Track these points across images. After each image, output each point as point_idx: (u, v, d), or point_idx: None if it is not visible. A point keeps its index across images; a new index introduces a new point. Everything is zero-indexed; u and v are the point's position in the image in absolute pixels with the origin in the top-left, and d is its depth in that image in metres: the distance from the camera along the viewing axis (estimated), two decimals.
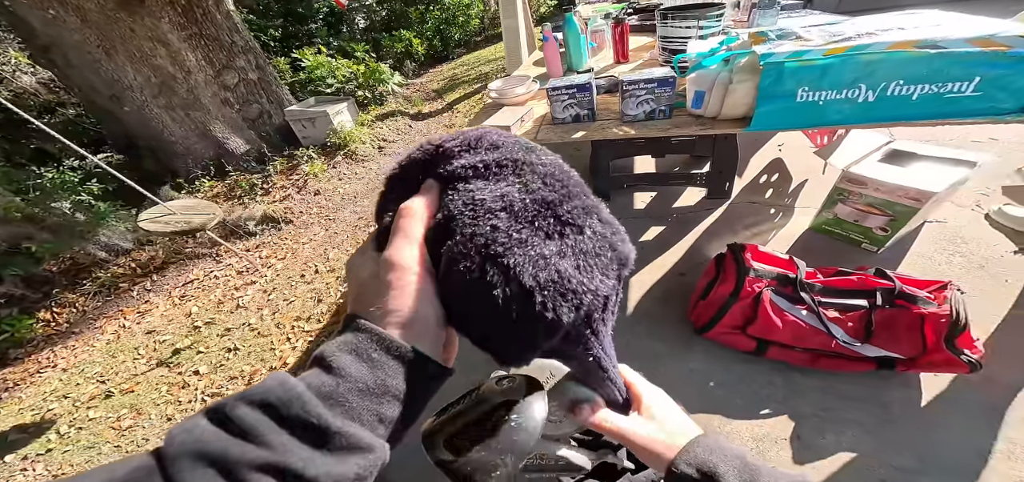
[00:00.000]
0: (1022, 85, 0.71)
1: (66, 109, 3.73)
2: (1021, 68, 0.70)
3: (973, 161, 1.27)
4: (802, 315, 1.09)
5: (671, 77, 1.00)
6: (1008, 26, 0.77)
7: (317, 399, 0.19)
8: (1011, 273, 1.25)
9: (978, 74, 0.72)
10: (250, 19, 4.50)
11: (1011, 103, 0.74)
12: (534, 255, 0.22)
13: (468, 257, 0.23)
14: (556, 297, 0.22)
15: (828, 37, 0.85)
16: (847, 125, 0.83)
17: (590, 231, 0.24)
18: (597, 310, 0.26)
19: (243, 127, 3.34)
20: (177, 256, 2.57)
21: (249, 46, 3.32)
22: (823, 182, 1.66)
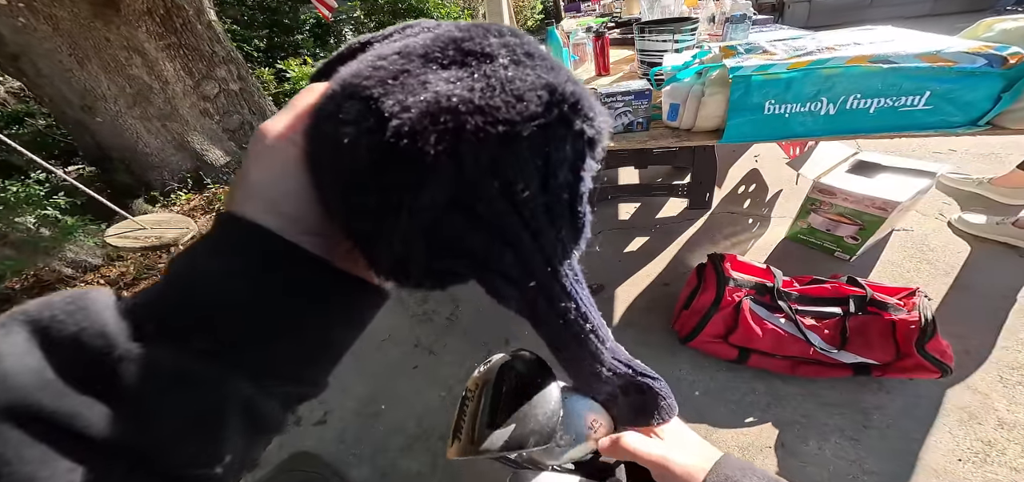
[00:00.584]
0: (969, 99, 0.75)
1: (36, 119, 3.59)
2: (967, 83, 0.74)
3: (933, 171, 1.34)
4: (781, 323, 1.11)
5: (647, 89, 1.02)
6: (953, 42, 0.82)
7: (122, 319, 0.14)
8: (977, 280, 1.31)
9: (928, 88, 0.76)
10: (234, 29, 4.47)
11: (960, 116, 0.78)
12: (411, 84, 0.15)
13: (331, 99, 0.16)
14: (422, 119, 0.14)
15: (791, 51, 0.88)
16: (811, 137, 0.86)
17: (507, 59, 0.16)
18: (512, 166, 0.15)
19: (223, 138, 3.27)
20: (149, 272, 2.46)
21: (231, 56, 3.28)
22: (797, 192, 1.71)
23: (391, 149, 0.14)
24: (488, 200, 0.15)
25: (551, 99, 0.15)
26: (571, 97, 0.16)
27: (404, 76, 0.15)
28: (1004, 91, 0.74)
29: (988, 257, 1.37)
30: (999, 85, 0.74)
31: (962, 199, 1.64)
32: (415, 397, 1.35)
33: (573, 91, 0.16)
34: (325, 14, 3.41)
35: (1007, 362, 1.08)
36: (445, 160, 0.14)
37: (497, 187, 0.15)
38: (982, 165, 1.80)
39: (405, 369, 1.45)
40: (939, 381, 1.05)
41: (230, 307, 0.15)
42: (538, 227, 0.17)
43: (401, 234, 0.15)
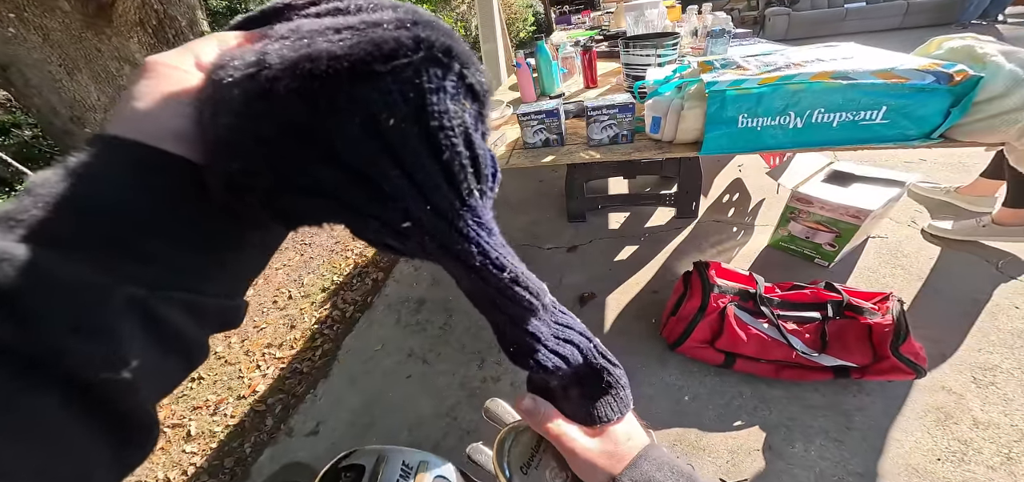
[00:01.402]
0: (922, 114, 0.81)
1: (22, 131, 3.54)
2: (918, 99, 0.79)
3: (903, 180, 1.41)
4: (764, 328, 1.14)
5: (631, 103, 1.07)
6: (906, 60, 0.87)
7: None
8: (948, 285, 1.36)
9: (884, 103, 0.81)
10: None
11: (915, 130, 0.83)
12: (300, 43, 0.15)
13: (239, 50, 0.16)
14: (285, 65, 0.14)
15: (762, 67, 0.93)
16: (782, 149, 0.91)
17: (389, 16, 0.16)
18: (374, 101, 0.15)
19: None
20: None
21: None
22: (778, 201, 1.78)
23: (257, 92, 0.14)
24: (347, 138, 0.15)
25: (417, 44, 0.15)
26: (441, 45, 0.16)
27: (297, 38, 0.15)
28: (953, 106, 0.80)
29: (958, 263, 1.43)
30: (948, 101, 0.79)
31: (932, 207, 1.71)
32: (408, 407, 1.34)
33: (444, 41, 0.16)
34: None
35: (979, 363, 1.13)
36: (295, 98, 0.14)
37: (358, 123, 0.15)
38: (950, 174, 1.89)
39: (399, 379, 1.45)
40: (916, 382, 1.09)
41: (107, 211, 0.14)
42: (414, 163, 0.17)
43: (248, 167, 0.15)
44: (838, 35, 5.34)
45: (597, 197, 2.10)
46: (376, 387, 1.44)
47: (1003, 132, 0.83)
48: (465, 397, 1.33)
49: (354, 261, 2.34)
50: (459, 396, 1.33)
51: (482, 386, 1.35)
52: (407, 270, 2.11)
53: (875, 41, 1.19)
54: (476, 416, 1.26)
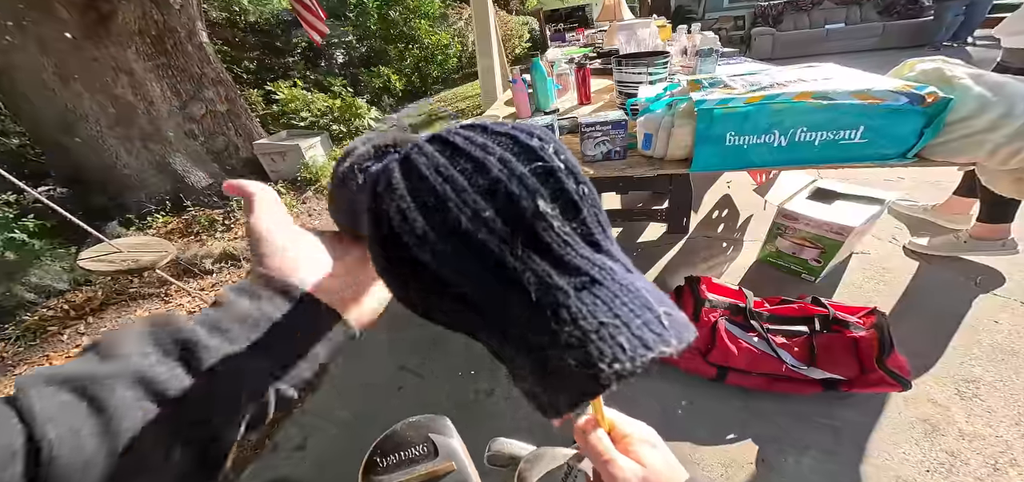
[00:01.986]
0: (898, 134, 0.84)
1: (9, 139, 3.48)
2: (893, 119, 0.83)
3: (883, 198, 1.46)
4: (754, 342, 1.15)
5: (624, 120, 1.10)
6: (882, 82, 0.91)
7: (196, 325, 0.20)
8: (929, 300, 1.40)
9: (862, 124, 0.85)
10: (224, 51, 4.51)
11: (892, 149, 0.87)
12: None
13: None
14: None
15: (748, 86, 0.97)
16: (767, 167, 0.94)
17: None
18: None
19: (207, 160, 3.23)
20: (118, 297, 2.35)
21: (220, 78, 3.30)
22: (765, 217, 1.82)
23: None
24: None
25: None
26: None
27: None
28: (925, 127, 0.84)
29: (939, 278, 1.48)
30: (921, 122, 0.83)
31: (911, 224, 1.77)
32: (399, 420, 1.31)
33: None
34: (316, 40, 3.50)
35: (963, 376, 1.15)
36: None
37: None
38: (928, 192, 1.96)
39: (390, 391, 1.43)
40: (903, 395, 1.11)
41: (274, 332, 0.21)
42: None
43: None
44: (819, 54, 5.56)
45: None
46: (365, 400, 1.42)
47: (973, 153, 0.87)
48: (457, 411, 1.31)
49: None
50: (451, 408, 1.32)
51: (475, 399, 1.33)
52: None
53: (854, 60, 1.24)
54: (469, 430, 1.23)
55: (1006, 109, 0.82)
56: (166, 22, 2.86)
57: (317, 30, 3.39)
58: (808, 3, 5.94)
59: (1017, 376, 1.13)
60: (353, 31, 6.20)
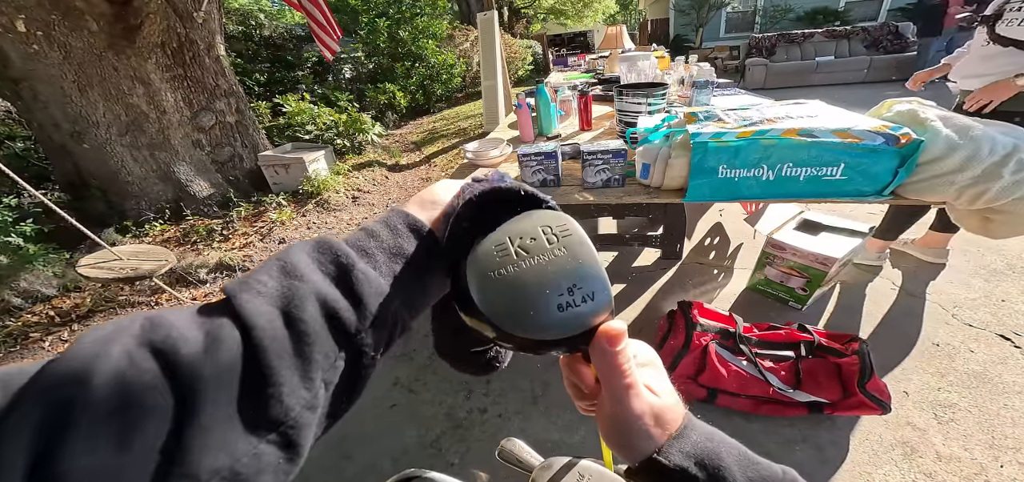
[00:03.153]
0: (874, 172, 0.90)
1: (14, 142, 3.51)
2: (871, 158, 0.89)
3: (865, 231, 1.54)
4: (743, 365, 1.21)
5: (623, 149, 1.16)
6: (861, 121, 0.96)
7: (350, 249, 0.24)
8: (910, 329, 1.47)
9: (842, 161, 0.90)
10: (237, 63, 4.60)
11: (869, 187, 0.93)
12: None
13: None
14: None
15: (740, 121, 1.03)
16: (756, 199, 1.00)
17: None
18: None
19: (211, 170, 3.27)
20: (107, 304, 2.32)
21: (233, 90, 3.36)
22: (754, 246, 1.89)
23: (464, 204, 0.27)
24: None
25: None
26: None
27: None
28: (899, 167, 0.90)
29: (917, 308, 1.55)
30: (895, 161, 0.89)
31: (892, 257, 1.86)
32: (392, 436, 1.33)
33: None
34: (327, 56, 3.59)
35: (940, 401, 1.21)
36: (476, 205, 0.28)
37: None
38: None
39: (382, 408, 1.43)
40: (883, 418, 1.16)
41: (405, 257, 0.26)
42: None
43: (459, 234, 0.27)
44: (809, 86, 5.79)
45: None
46: (357, 416, 1.40)
47: (942, 193, 0.92)
48: (451, 427, 1.32)
49: None
50: (445, 426, 1.32)
51: (469, 416, 1.34)
52: None
53: (842, 92, 1.33)
54: (462, 446, 1.26)
55: (971, 152, 0.87)
56: (188, 35, 2.92)
57: (329, 47, 3.49)
58: (800, 36, 6.23)
59: (991, 402, 1.19)
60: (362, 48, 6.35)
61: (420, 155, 4.62)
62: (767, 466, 0.24)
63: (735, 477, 0.23)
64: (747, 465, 0.24)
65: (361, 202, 3.46)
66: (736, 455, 0.24)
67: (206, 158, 3.24)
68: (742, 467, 0.24)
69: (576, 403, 0.30)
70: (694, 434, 0.25)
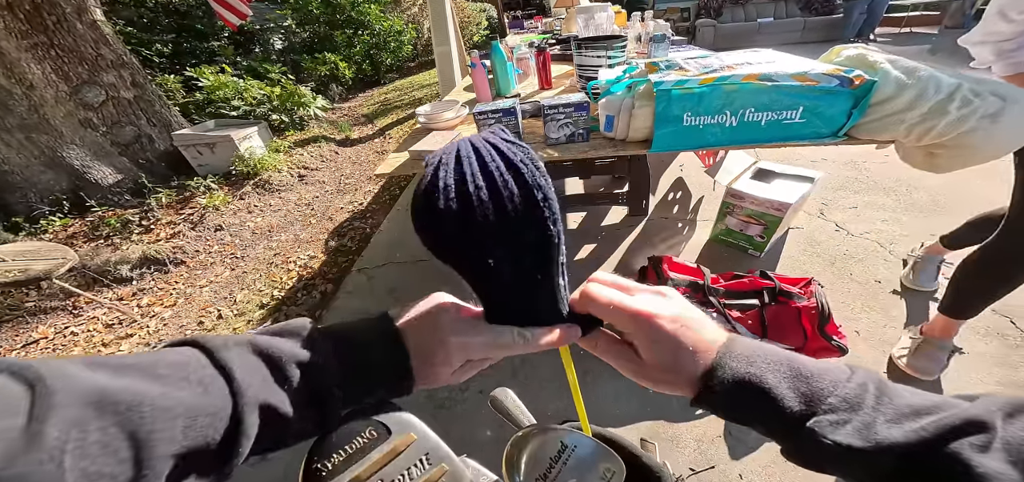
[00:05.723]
0: (830, 114, 0.91)
1: None
2: (828, 100, 0.89)
3: (812, 177, 1.60)
4: (713, 317, 1.21)
5: (586, 102, 1.08)
6: (816, 65, 0.98)
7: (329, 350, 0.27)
8: (854, 268, 1.57)
9: (801, 104, 0.90)
10: (128, 32, 3.88)
11: (825, 128, 0.93)
12: None
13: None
14: None
15: (701, 69, 0.99)
16: (721, 147, 0.97)
17: None
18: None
19: (113, 153, 2.77)
20: (13, 313, 1.96)
21: (123, 61, 2.82)
22: (715, 197, 1.93)
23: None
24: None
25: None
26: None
27: None
28: (853, 108, 0.91)
29: (861, 249, 1.66)
30: (850, 103, 0.90)
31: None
32: None
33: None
34: (232, 23, 3.09)
35: (888, 339, 1.29)
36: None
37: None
38: (846, 171, 2.20)
39: None
40: (840, 360, 1.23)
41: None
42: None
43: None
44: (753, 46, 6.07)
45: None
46: None
47: (892, 131, 0.95)
48: (432, 409, 1.26)
49: (298, 273, 2.12)
50: (426, 408, 1.26)
51: (449, 396, 1.29)
52: (360, 280, 1.96)
53: (782, 51, 1.32)
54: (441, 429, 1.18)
55: (919, 91, 0.90)
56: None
57: (236, 11, 3.00)
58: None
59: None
60: (292, 15, 5.64)
61: (373, 128, 4.27)
62: (819, 371, 0.24)
63: (781, 394, 0.23)
64: (796, 379, 0.23)
65: (309, 180, 3.14)
66: (783, 369, 0.24)
67: (103, 139, 2.73)
68: (791, 383, 0.23)
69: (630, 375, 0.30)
70: (738, 348, 0.25)
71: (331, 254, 2.24)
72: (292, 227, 2.59)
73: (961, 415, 0.19)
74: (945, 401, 0.20)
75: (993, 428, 0.18)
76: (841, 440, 0.20)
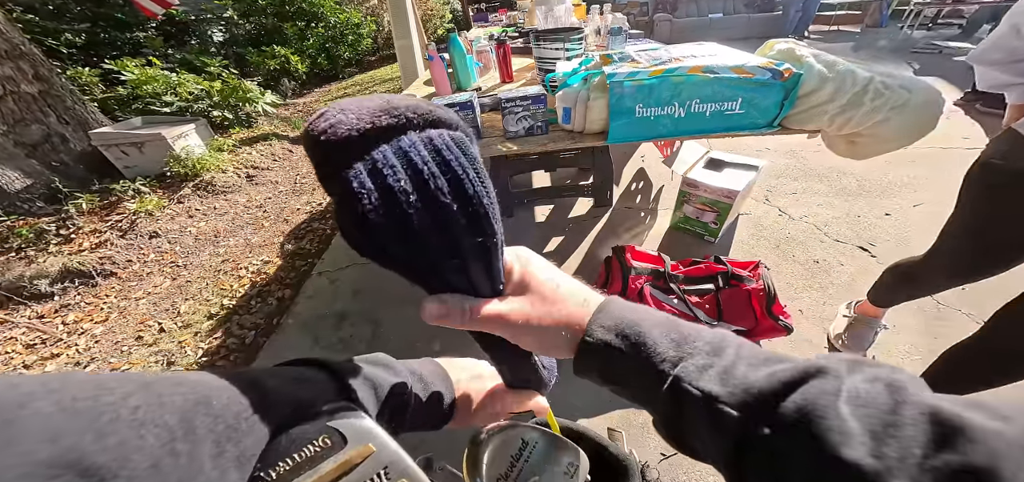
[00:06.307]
0: (765, 105, 0.96)
1: None
2: (762, 92, 0.95)
3: (757, 165, 1.71)
4: (674, 303, 1.26)
5: (543, 95, 1.07)
6: (752, 58, 1.03)
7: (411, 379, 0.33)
8: (795, 250, 1.70)
9: (739, 95, 0.95)
10: (28, 19, 3.38)
11: (762, 119, 0.99)
12: None
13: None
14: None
15: (651, 61, 1.02)
16: (671, 137, 1.01)
17: None
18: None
19: (17, 155, 2.41)
20: None
21: (21, 51, 2.45)
22: (673, 186, 2.01)
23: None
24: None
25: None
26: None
27: None
28: (784, 100, 0.97)
29: (800, 232, 1.80)
30: (781, 94, 0.96)
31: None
32: None
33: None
34: (150, 12, 2.78)
35: (828, 316, 1.39)
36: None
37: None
38: (786, 159, 2.38)
39: None
40: (788, 339, 1.27)
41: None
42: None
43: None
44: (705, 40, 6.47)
45: (522, 192, 2.12)
46: None
47: (817, 121, 1.02)
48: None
49: (250, 280, 1.97)
50: None
51: None
52: (321, 283, 1.85)
53: (730, 46, 1.39)
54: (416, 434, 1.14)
55: (838, 84, 0.97)
56: None
57: (160, 1, 2.69)
58: None
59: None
60: (234, 6, 5.17)
61: None
62: (692, 327, 0.25)
63: (656, 339, 0.24)
64: (669, 329, 0.24)
65: (259, 180, 2.91)
66: (659, 321, 0.25)
67: (5, 140, 2.37)
68: (664, 331, 0.24)
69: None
70: (614, 307, 0.26)
71: (288, 258, 2.11)
72: (242, 231, 2.40)
73: (812, 363, 0.19)
74: (793, 357, 0.21)
75: (839, 377, 0.18)
76: (705, 386, 0.21)
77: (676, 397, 0.22)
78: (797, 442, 0.17)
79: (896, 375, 0.18)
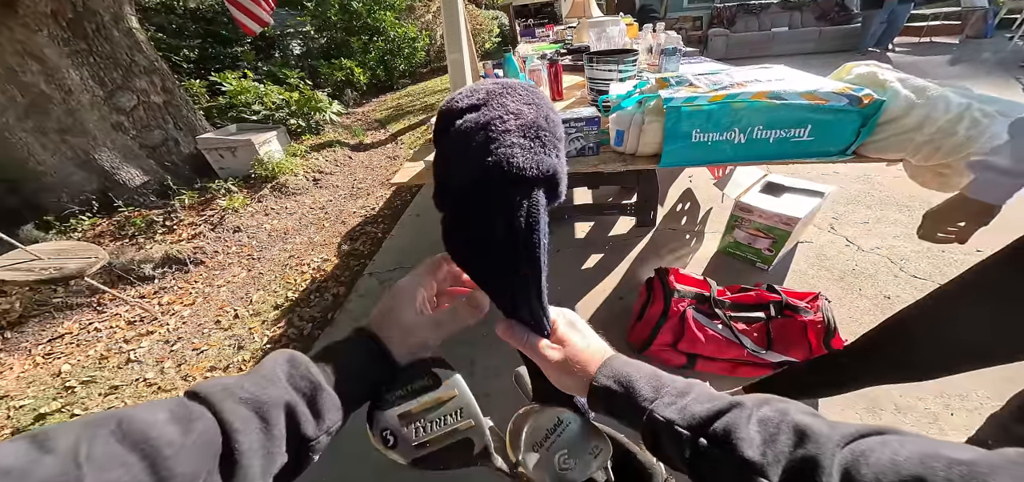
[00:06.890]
0: (839, 132, 0.91)
1: None
2: (837, 119, 0.90)
3: (823, 191, 1.60)
4: (718, 329, 1.22)
5: (597, 116, 1.10)
6: (826, 83, 0.98)
7: (319, 373, 0.31)
8: (863, 284, 1.56)
9: (809, 122, 0.91)
10: (159, 38, 4.05)
11: (833, 146, 0.94)
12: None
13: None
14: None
15: (711, 85, 1.01)
16: (729, 163, 0.99)
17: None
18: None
19: (141, 156, 2.90)
20: (40, 308, 2.06)
21: (154, 67, 2.96)
22: (723, 210, 1.93)
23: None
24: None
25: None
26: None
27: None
28: (862, 127, 0.92)
29: (870, 264, 1.65)
30: (858, 121, 0.91)
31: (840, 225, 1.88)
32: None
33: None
34: (251, 29, 3.20)
35: None
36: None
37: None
38: (858, 185, 2.18)
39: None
40: None
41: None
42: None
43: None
44: (766, 56, 5.98)
45: (563, 207, 2.15)
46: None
47: (901, 150, 0.95)
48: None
49: (311, 276, 2.19)
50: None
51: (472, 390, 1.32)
52: (371, 283, 2.01)
53: (796, 63, 1.33)
54: (484, 401, 1.21)
55: (928, 111, 0.90)
56: (86, 4, 2.52)
57: (257, 19, 3.10)
58: (757, 7, 6.38)
59: None
60: (311, 21, 5.80)
61: (385, 133, 4.37)
62: (671, 379, 0.33)
63: (641, 385, 0.32)
64: (652, 378, 0.33)
65: (323, 184, 3.22)
66: (646, 374, 0.33)
67: (132, 143, 2.86)
68: (649, 382, 0.33)
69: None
70: (616, 362, 0.35)
71: (344, 258, 2.30)
72: (306, 230, 2.67)
73: (735, 400, 0.29)
74: (725, 396, 0.30)
75: (750, 408, 0.27)
76: (668, 416, 0.30)
77: (651, 422, 0.31)
78: (723, 449, 0.26)
79: (787, 405, 0.27)
